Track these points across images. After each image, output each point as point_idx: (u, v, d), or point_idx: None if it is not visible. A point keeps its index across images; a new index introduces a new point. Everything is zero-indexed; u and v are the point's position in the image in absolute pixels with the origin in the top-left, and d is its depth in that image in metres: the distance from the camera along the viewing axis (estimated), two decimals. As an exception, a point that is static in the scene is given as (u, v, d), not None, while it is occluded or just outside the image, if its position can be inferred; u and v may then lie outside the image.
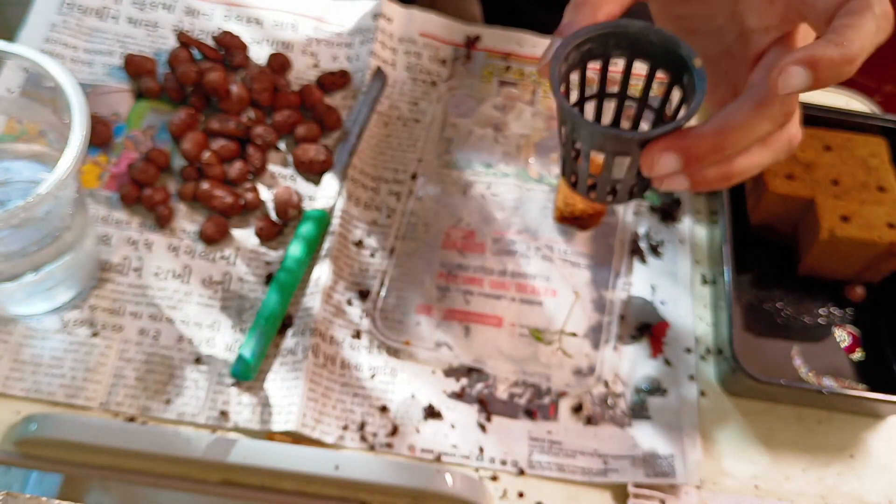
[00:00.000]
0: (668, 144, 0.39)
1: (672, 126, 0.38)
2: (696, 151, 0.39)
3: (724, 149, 0.39)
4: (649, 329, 0.63)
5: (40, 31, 0.70)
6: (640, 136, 0.39)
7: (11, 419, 0.55)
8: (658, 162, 0.39)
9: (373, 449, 0.57)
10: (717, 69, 0.47)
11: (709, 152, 0.39)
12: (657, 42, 0.41)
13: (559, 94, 0.40)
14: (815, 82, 0.37)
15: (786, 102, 0.40)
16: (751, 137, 0.40)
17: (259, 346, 0.58)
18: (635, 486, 0.56)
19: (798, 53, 0.37)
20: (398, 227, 0.65)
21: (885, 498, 0.59)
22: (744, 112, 0.40)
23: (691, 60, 0.40)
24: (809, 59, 0.37)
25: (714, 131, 0.39)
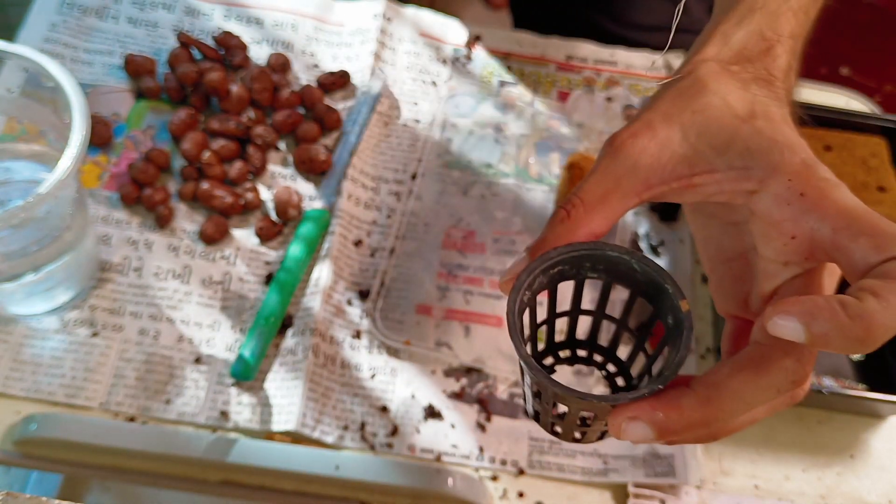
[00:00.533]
0: (641, 413, 0.32)
1: (645, 391, 0.32)
2: (674, 426, 0.33)
3: (712, 423, 0.33)
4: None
5: (40, 31, 0.70)
6: (608, 400, 0.33)
7: (11, 419, 0.55)
8: (626, 431, 0.33)
9: (373, 449, 0.57)
10: (729, 272, 0.40)
11: (690, 427, 0.33)
12: (641, 272, 0.36)
13: (518, 339, 0.34)
14: (812, 342, 0.30)
15: (797, 366, 0.33)
16: (746, 410, 0.33)
17: (259, 346, 0.58)
18: (635, 486, 0.56)
19: (801, 302, 0.30)
20: (398, 227, 0.65)
21: (885, 498, 0.59)
22: (741, 379, 0.33)
23: (677, 301, 0.35)
24: (810, 312, 0.30)
25: (700, 403, 0.33)
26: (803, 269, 0.35)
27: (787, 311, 0.30)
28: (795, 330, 0.30)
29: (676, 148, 0.35)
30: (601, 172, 0.36)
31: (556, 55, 0.76)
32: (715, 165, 0.35)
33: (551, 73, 0.75)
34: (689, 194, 0.36)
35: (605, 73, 0.75)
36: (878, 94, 1.43)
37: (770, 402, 0.34)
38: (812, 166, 0.34)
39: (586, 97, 0.74)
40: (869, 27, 1.53)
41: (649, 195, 0.36)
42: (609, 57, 0.76)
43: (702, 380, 0.33)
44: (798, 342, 0.30)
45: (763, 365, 0.33)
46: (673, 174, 0.35)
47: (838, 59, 1.50)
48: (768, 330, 0.31)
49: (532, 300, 0.37)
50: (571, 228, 0.36)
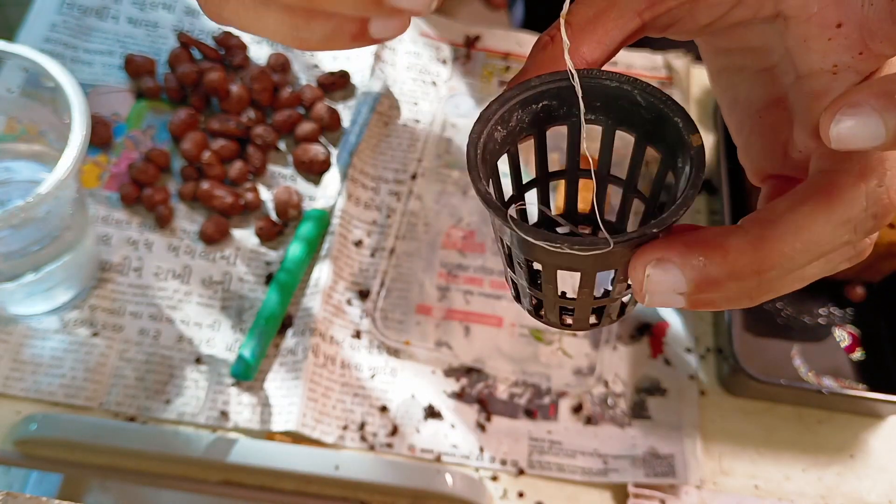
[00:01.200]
0: (673, 254, 0.25)
1: (663, 223, 0.25)
2: (716, 274, 0.25)
3: (764, 273, 0.25)
4: (649, 329, 0.63)
5: (40, 31, 0.70)
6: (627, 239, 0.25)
7: (11, 419, 0.55)
8: (653, 280, 0.25)
9: (373, 449, 0.57)
10: (763, 124, 0.32)
11: (737, 275, 0.25)
12: (646, 106, 0.28)
13: (482, 186, 0.26)
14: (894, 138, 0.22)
15: (879, 191, 0.25)
16: (812, 255, 0.25)
17: (259, 346, 0.58)
18: (635, 486, 0.56)
19: (868, 85, 0.23)
20: (398, 227, 0.65)
21: (885, 498, 0.59)
22: (806, 212, 0.25)
23: (688, 136, 0.27)
24: (886, 94, 0.23)
25: (752, 243, 0.25)
26: (859, 75, 0.27)
27: (851, 103, 0.23)
28: (870, 127, 0.22)
29: None
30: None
31: (556, 55, 0.76)
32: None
33: (551, 73, 0.75)
34: (701, 12, 0.29)
35: (605, 73, 0.75)
36: (878, 94, 1.43)
37: (837, 251, 0.26)
38: None
39: (586, 97, 0.74)
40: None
41: (652, 14, 0.29)
42: (609, 57, 0.76)
43: (754, 217, 0.26)
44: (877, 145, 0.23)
45: (835, 192, 0.25)
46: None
47: (838, 59, 1.50)
48: (832, 140, 0.23)
49: (510, 142, 0.30)
50: (557, 55, 0.28)
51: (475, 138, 0.27)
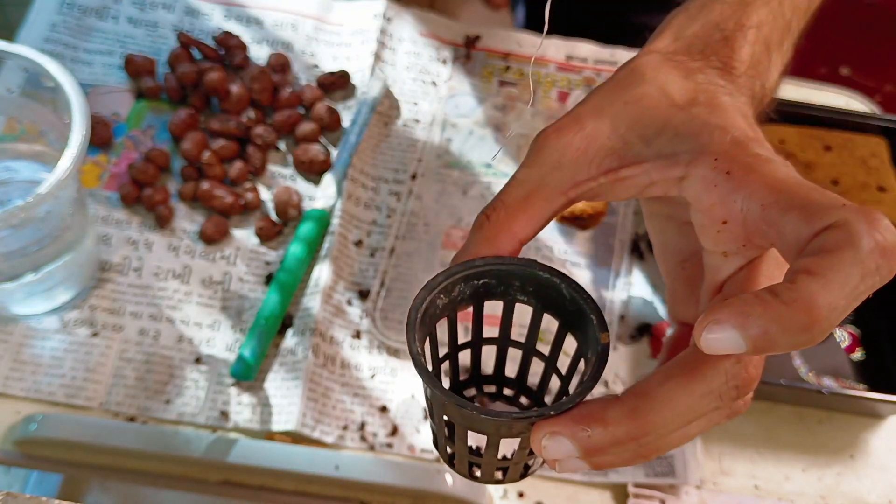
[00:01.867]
0: (562, 428, 0.29)
1: (559, 406, 0.29)
2: (599, 442, 0.29)
3: (641, 438, 0.29)
4: (649, 329, 0.63)
5: (40, 31, 0.70)
6: (526, 416, 0.30)
7: (11, 419, 0.55)
8: (548, 449, 0.30)
9: (373, 449, 0.57)
10: (682, 274, 0.37)
11: (617, 442, 0.29)
12: (569, 299, 0.32)
13: (413, 338, 0.31)
14: (755, 348, 0.26)
15: (737, 369, 0.29)
16: (681, 422, 0.29)
17: (259, 346, 0.58)
18: (635, 486, 0.56)
19: (728, 305, 0.26)
20: (398, 227, 0.65)
21: (885, 498, 0.59)
22: (673, 386, 0.29)
23: (598, 333, 0.31)
24: (741, 312, 0.26)
25: (627, 414, 0.29)
26: (745, 259, 0.31)
27: (716, 320, 0.26)
28: (732, 340, 0.26)
29: (605, 141, 0.32)
30: (523, 172, 0.33)
31: (556, 55, 0.76)
32: (643, 155, 0.32)
33: (551, 73, 0.75)
34: (620, 189, 0.33)
35: (605, 73, 0.75)
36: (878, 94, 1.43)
37: (708, 415, 0.30)
38: (743, 143, 0.30)
39: (586, 97, 0.74)
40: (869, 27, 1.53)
41: (577, 193, 0.33)
42: (609, 57, 0.76)
43: (631, 390, 0.30)
44: (741, 353, 0.26)
45: (699, 368, 0.29)
46: (600, 168, 0.33)
47: (838, 59, 1.50)
48: (703, 348, 0.27)
49: (451, 309, 0.34)
50: (493, 234, 0.33)
51: (418, 304, 0.32)
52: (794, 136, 0.66)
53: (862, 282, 0.26)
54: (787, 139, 0.66)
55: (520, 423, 0.30)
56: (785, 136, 0.66)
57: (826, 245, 0.26)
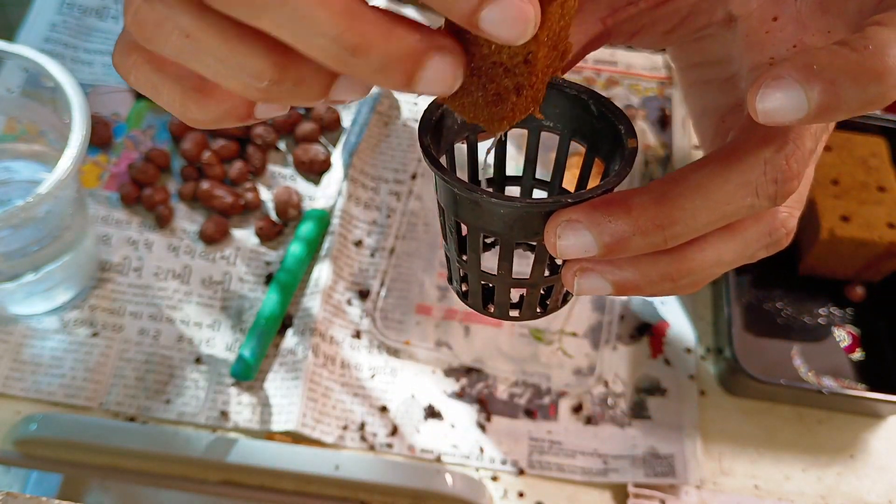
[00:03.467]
0: (581, 215, 0.26)
1: (586, 193, 0.26)
2: (621, 231, 0.25)
3: (667, 227, 0.26)
4: (649, 329, 0.63)
5: (40, 31, 0.70)
6: (542, 205, 0.27)
7: (11, 419, 0.55)
8: (563, 237, 0.26)
9: (373, 449, 0.57)
10: (724, 127, 0.33)
11: (642, 230, 0.26)
12: (598, 116, 0.30)
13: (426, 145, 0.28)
14: (819, 107, 0.23)
15: (777, 157, 0.26)
16: (713, 213, 0.26)
17: (259, 346, 0.58)
18: (635, 486, 0.56)
19: (792, 59, 0.24)
20: (398, 227, 0.65)
21: (885, 498, 0.59)
22: (706, 173, 0.26)
23: (625, 140, 0.28)
24: (806, 63, 0.23)
25: (654, 199, 0.26)
26: None
27: (776, 76, 0.23)
28: (795, 99, 0.23)
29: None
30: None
31: (556, 55, 0.76)
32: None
33: (551, 73, 0.75)
34: (662, 18, 0.31)
35: (605, 73, 0.75)
36: (878, 94, 1.43)
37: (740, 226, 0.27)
38: None
39: (586, 97, 0.74)
40: (869, 27, 1.52)
41: (615, 20, 0.31)
42: (609, 57, 0.76)
43: (660, 179, 0.27)
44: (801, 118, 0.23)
45: (735, 156, 0.26)
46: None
47: (838, 59, 1.50)
48: (758, 115, 0.24)
49: (470, 130, 0.31)
50: None
51: (433, 107, 0.29)
52: (794, 136, 0.66)
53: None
54: (787, 139, 0.66)
55: (536, 209, 0.26)
56: (785, 136, 0.66)
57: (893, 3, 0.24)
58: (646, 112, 0.72)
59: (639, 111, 0.72)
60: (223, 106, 0.25)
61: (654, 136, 0.71)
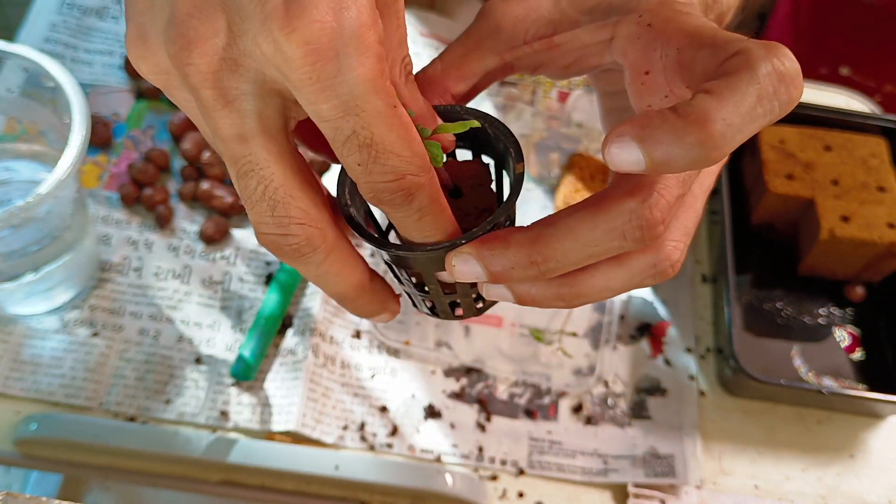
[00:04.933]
0: (470, 248, 0.31)
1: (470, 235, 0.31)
2: (501, 261, 0.30)
3: (541, 263, 0.30)
4: (649, 329, 0.63)
5: (40, 31, 0.70)
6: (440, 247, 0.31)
7: (11, 419, 0.55)
8: (457, 268, 0.31)
9: (373, 449, 0.57)
10: None
11: (521, 266, 0.30)
12: (493, 137, 0.34)
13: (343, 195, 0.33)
14: (653, 163, 0.26)
15: (640, 207, 0.29)
16: (582, 252, 0.30)
17: (259, 346, 0.58)
18: (635, 486, 0.56)
19: (633, 120, 0.27)
20: (398, 227, 0.65)
21: (885, 498, 0.59)
22: (577, 217, 0.30)
23: (513, 164, 0.33)
24: (641, 124, 0.26)
25: (530, 238, 0.30)
26: None
27: (619, 133, 0.26)
28: (633, 153, 0.26)
29: (544, 12, 0.35)
30: (465, 34, 0.36)
31: (556, 55, 0.76)
32: (578, 22, 0.34)
33: (551, 73, 0.75)
34: (555, 56, 0.35)
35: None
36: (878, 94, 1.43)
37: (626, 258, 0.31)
38: (668, 2, 0.32)
39: (586, 97, 0.74)
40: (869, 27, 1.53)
41: (512, 56, 0.35)
42: (609, 57, 0.76)
43: (539, 220, 0.31)
44: (642, 169, 0.26)
45: (603, 204, 0.29)
46: (535, 35, 0.35)
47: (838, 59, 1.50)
48: (608, 163, 0.27)
49: None
50: (426, 85, 0.35)
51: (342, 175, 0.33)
52: (794, 136, 0.66)
53: (759, 103, 0.26)
54: (787, 139, 0.66)
55: (437, 252, 0.31)
56: (785, 136, 0.66)
57: (726, 69, 0.27)
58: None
59: (639, 111, 0.72)
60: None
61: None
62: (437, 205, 0.30)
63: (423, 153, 0.29)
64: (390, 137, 0.28)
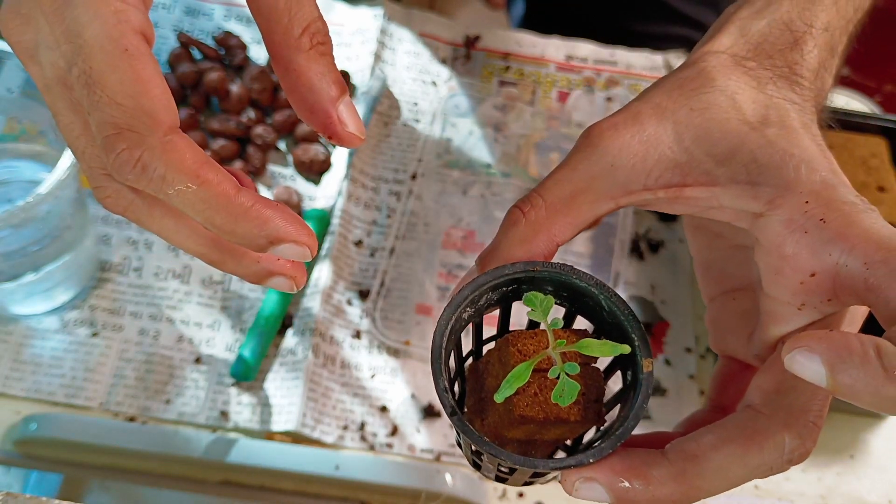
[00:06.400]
0: (600, 476, 0.28)
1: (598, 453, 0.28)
2: (638, 498, 0.27)
3: (683, 501, 0.28)
4: (649, 329, 0.63)
5: (40, 31, 0.70)
6: (560, 465, 0.28)
7: (11, 419, 0.55)
8: (580, 491, 0.28)
9: (373, 449, 0.57)
10: (731, 305, 0.34)
11: (657, 501, 0.28)
12: (608, 311, 0.30)
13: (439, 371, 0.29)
14: (832, 386, 0.24)
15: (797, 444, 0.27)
16: (727, 487, 0.28)
17: (259, 346, 0.58)
18: (635, 486, 0.56)
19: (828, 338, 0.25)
20: (398, 227, 0.65)
21: (885, 498, 0.59)
22: (727, 454, 0.27)
23: (641, 359, 0.29)
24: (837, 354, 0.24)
25: (674, 476, 0.27)
26: (822, 315, 0.28)
27: (810, 348, 0.24)
28: (816, 372, 0.24)
29: (666, 150, 0.29)
30: (570, 168, 0.30)
31: (555, 55, 0.76)
32: (714, 177, 0.29)
33: (551, 73, 0.75)
34: (680, 206, 0.30)
35: (605, 73, 0.75)
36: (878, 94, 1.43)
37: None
38: (834, 186, 0.28)
39: (586, 97, 0.74)
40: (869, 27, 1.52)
41: (628, 201, 0.30)
42: (609, 57, 0.76)
43: (680, 448, 0.28)
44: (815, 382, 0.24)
45: (756, 439, 0.27)
46: (660, 181, 0.29)
47: (838, 60, 1.50)
48: (785, 364, 0.25)
49: (477, 315, 0.32)
50: (530, 235, 0.30)
51: (443, 324, 0.29)
52: (794, 136, 0.66)
53: None
54: (787, 139, 0.66)
55: (557, 467, 0.28)
56: (785, 136, 0.66)
57: None
58: (646, 112, 0.72)
59: (639, 111, 0.72)
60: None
61: (654, 136, 0.71)
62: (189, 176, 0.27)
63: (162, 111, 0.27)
64: (112, 79, 0.26)
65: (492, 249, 0.31)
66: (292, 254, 0.29)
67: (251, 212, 0.28)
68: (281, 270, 0.31)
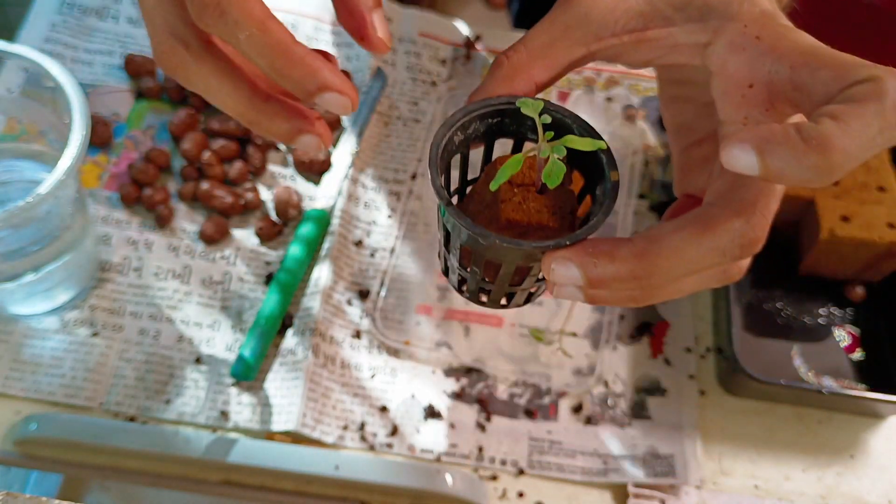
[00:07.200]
0: (574, 255, 0.31)
1: (574, 237, 0.31)
2: (605, 275, 0.31)
3: (644, 279, 0.31)
4: (649, 329, 0.63)
5: (40, 31, 0.70)
6: (543, 246, 0.31)
7: (11, 419, 0.55)
8: (556, 272, 0.31)
9: (373, 449, 0.57)
10: (697, 153, 0.39)
11: (621, 279, 0.31)
12: (580, 136, 0.34)
13: (435, 170, 0.32)
14: (766, 173, 0.28)
15: (746, 228, 0.31)
16: (684, 271, 0.31)
17: (259, 346, 0.58)
18: (635, 486, 0.56)
19: (756, 129, 0.28)
20: (398, 227, 0.65)
21: (885, 498, 0.59)
22: (683, 236, 0.31)
23: (608, 171, 0.33)
24: (764, 137, 0.28)
25: (636, 254, 0.31)
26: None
27: (741, 139, 0.28)
28: (749, 161, 0.28)
29: (633, 4, 0.34)
30: (549, 20, 0.35)
31: (556, 55, 0.76)
32: (672, 20, 0.34)
33: (551, 73, 0.75)
34: (642, 51, 0.35)
35: (605, 73, 0.75)
36: (878, 94, 1.43)
37: (707, 270, 0.32)
38: (772, 14, 0.32)
39: (586, 97, 0.74)
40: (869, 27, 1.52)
41: (598, 47, 0.35)
42: (609, 57, 0.76)
43: (644, 234, 0.32)
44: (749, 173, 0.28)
45: (710, 224, 0.31)
46: (625, 28, 0.34)
47: (838, 59, 1.49)
48: (723, 161, 0.29)
49: (465, 145, 0.35)
50: (511, 73, 0.34)
51: (438, 140, 0.33)
52: (794, 136, 0.66)
53: (879, 134, 0.27)
54: (787, 139, 0.66)
55: (538, 250, 0.32)
56: (785, 136, 0.66)
57: (853, 95, 0.28)
58: (646, 112, 0.72)
59: (639, 111, 0.72)
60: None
61: (654, 137, 0.71)
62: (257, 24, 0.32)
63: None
64: None
65: (479, 89, 0.35)
66: (336, 104, 0.33)
67: (306, 58, 0.32)
68: (309, 129, 0.35)
